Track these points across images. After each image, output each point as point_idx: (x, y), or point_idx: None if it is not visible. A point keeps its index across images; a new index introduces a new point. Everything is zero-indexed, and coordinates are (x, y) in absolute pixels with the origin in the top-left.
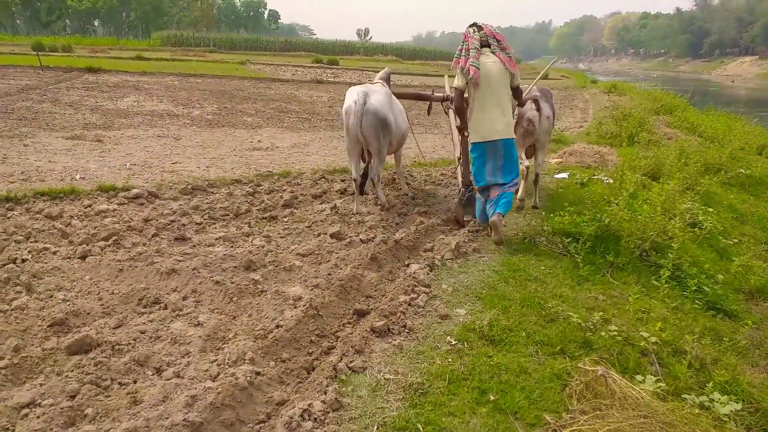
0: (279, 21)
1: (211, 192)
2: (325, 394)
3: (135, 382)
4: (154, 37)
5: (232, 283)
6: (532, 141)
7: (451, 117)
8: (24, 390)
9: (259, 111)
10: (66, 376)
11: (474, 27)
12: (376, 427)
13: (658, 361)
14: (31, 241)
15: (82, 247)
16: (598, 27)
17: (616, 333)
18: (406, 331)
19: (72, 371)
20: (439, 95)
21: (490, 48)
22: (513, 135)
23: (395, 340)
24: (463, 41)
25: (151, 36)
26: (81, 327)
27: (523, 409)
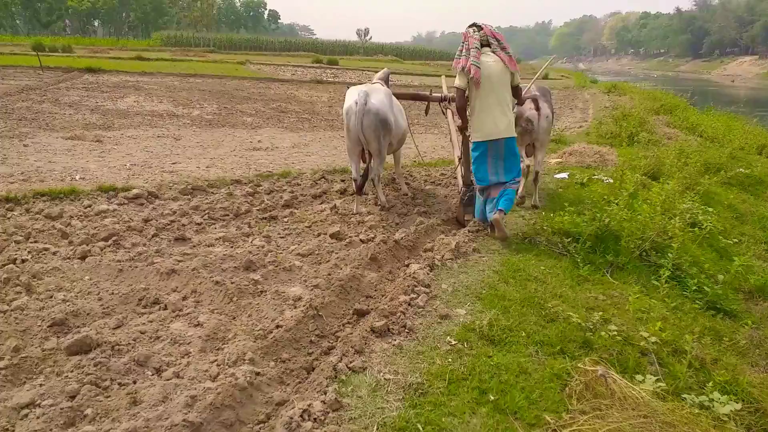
0: (279, 21)
1: (211, 192)
2: (325, 394)
3: (135, 383)
4: (154, 37)
5: (232, 283)
6: (531, 140)
7: (449, 117)
8: (24, 390)
9: (259, 111)
10: (66, 376)
11: (474, 27)
12: (376, 427)
13: (657, 361)
14: (30, 242)
15: (81, 247)
16: (598, 27)
17: (615, 333)
18: (406, 331)
19: (72, 372)
20: (437, 95)
21: (491, 47)
22: (515, 133)
23: (395, 340)
24: (464, 41)
25: (151, 36)
26: (81, 327)
27: (522, 409)
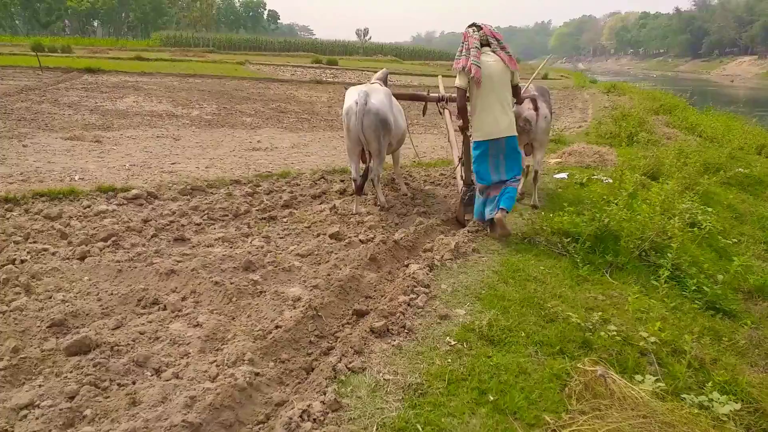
0: (278, 21)
1: (211, 192)
2: (325, 394)
3: (134, 383)
4: (154, 37)
5: (231, 283)
6: (529, 140)
7: (446, 117)
8: (23, 391)
9: (259, 111)
10: (65, 377)
11: (473, 27)
12: (375, 427)
13: (657, 361)
14: (30, 242)
15: (81, 247)
16: (598, 27)
17: (615, 333)
18: (406, 331)
19: (71, 372)
20: (435, 95)
21: (491, 47)
22: (516, 132)
23: (394, 341)
24: (463, 41)
25: (150, 36)
26: (80, 328)
27: (522, 409)
